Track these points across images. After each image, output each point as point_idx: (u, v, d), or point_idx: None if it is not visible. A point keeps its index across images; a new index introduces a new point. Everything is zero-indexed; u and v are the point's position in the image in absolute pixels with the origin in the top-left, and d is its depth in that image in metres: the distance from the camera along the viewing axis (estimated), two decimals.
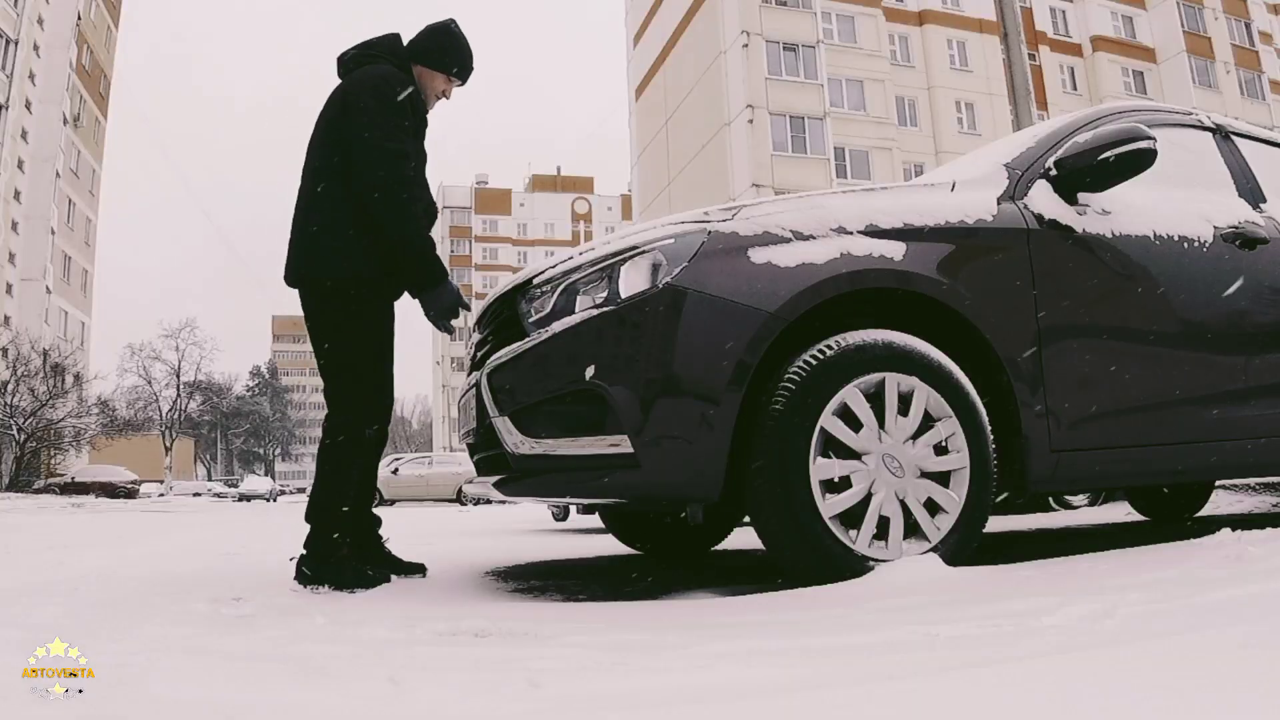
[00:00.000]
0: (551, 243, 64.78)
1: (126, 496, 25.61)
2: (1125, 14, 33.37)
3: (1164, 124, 2.84)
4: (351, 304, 2.49)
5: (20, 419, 27.06)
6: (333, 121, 2.53)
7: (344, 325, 2.51)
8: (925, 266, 2.22)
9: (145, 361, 40.19)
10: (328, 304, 2.51)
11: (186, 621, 1.85)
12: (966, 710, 0.99)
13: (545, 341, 2.13)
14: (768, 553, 2.12)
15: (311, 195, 2.53)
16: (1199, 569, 1.87)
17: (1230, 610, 1.44)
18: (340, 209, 2.47)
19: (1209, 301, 2.59)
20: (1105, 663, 1.15)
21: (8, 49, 31.02)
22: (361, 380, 2.52)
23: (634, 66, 36.67)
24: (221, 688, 1.21)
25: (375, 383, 2.56)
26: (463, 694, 1.17)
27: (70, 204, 36.90)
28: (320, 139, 2.55)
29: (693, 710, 1.06)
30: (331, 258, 2.46)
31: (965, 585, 1.88)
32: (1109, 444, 2.42)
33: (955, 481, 2.16)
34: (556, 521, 7.44)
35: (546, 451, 2.12)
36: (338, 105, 2.53)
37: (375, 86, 2.48)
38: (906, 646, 1.35)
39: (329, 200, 2.48)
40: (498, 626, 1.71)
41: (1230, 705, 0.95)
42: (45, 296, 34.32)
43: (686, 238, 2.12)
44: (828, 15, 28.53)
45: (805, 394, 2.03)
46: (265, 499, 35.86)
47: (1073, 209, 2.48)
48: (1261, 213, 2.84)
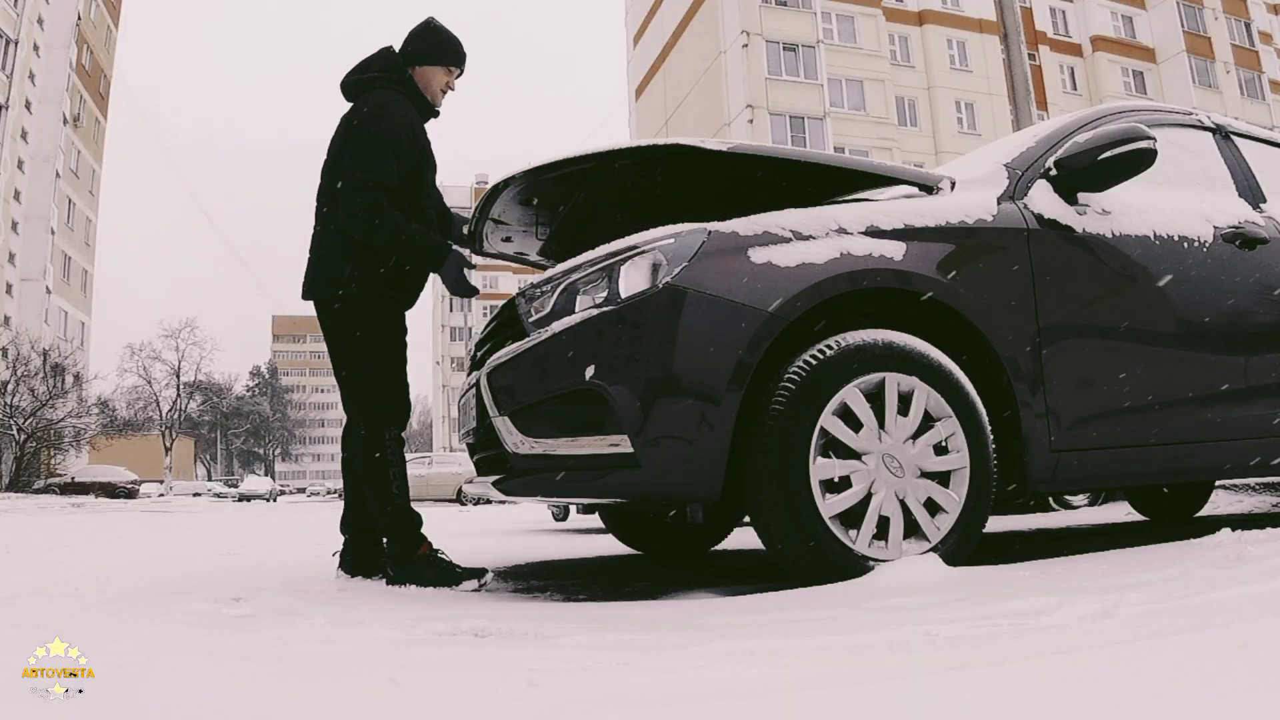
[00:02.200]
0: None
1: (126, 497, 25.62)
2: (1125, 14, 33.38)
3: (1164, 124, 2.84)
4: (362, 316, 2.61)
5: (20, 419, 27.04)
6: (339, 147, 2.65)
7: (357, 336, 2.63)
8: (925, 266, 2.22)
9: (145, 361, 40.25)
10: (341, 317, 2.63)
11: (186, 621, 1.85)
12: (966, 710, 0.99)
13: (545, 341, 2.13)
14: (768, 553, 2.12)
15: (322, 216, 2.68)
16: (1199, 569, 1.87)
17: (1230, 610, 1.44)
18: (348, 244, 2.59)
19: (1209, 301, 2.59)
20: (1105, 663, 1.15)
21: (8, 49, 31.02)
22: (377, 388, 2.63)
23: (634, 66, 36.68)
24: (221, 688, 1.21)
25: (391, 389, 2.65)
26: (463, 694, 1.17)
27: (70, 204, 36.90)
28: (329, 163, 2.69)
29: (693, 710, 1.06)
30: (341, 274, 2.59)
31: (965, 585, 1.88)
32: (1109, 444, 2.42)
33: (955, 481, 2.16)
34: (556, 521, 7.44)
35: (546, 451, 2.12)
36: (341, 134, 2.66)
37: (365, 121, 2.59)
38: (906, 646, 1.35)
39: (339, 235, 2.61)
40: (498, 626, 1.71)
41: (1230, 705, 0.95)
42: (45, 296, 34.32)
43: (686, 237, 2.12)
44: (828, 15, 28.53)
45: (805, 394, 2.03)
46: (265, 499, 35.86)
47: (1073, 209, 2.48)
48: (1261, 213, 2.84)
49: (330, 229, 2.63)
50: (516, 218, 2.89)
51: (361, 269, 2.57)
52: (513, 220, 2.91)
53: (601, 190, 2.72)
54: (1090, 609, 1.49)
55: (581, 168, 2.50)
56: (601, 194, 2.75)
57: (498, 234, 2.99)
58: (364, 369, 2.63)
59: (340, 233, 2.58)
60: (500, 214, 2.83)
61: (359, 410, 2.65)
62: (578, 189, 2.72)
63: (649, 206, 2.75)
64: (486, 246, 3.06)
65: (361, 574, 2.70)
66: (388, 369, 2.65)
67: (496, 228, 2.93)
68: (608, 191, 2.73)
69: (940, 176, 2.56)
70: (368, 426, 2.61)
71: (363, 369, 2.63)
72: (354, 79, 2.74)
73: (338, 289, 2.59)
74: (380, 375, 2.63)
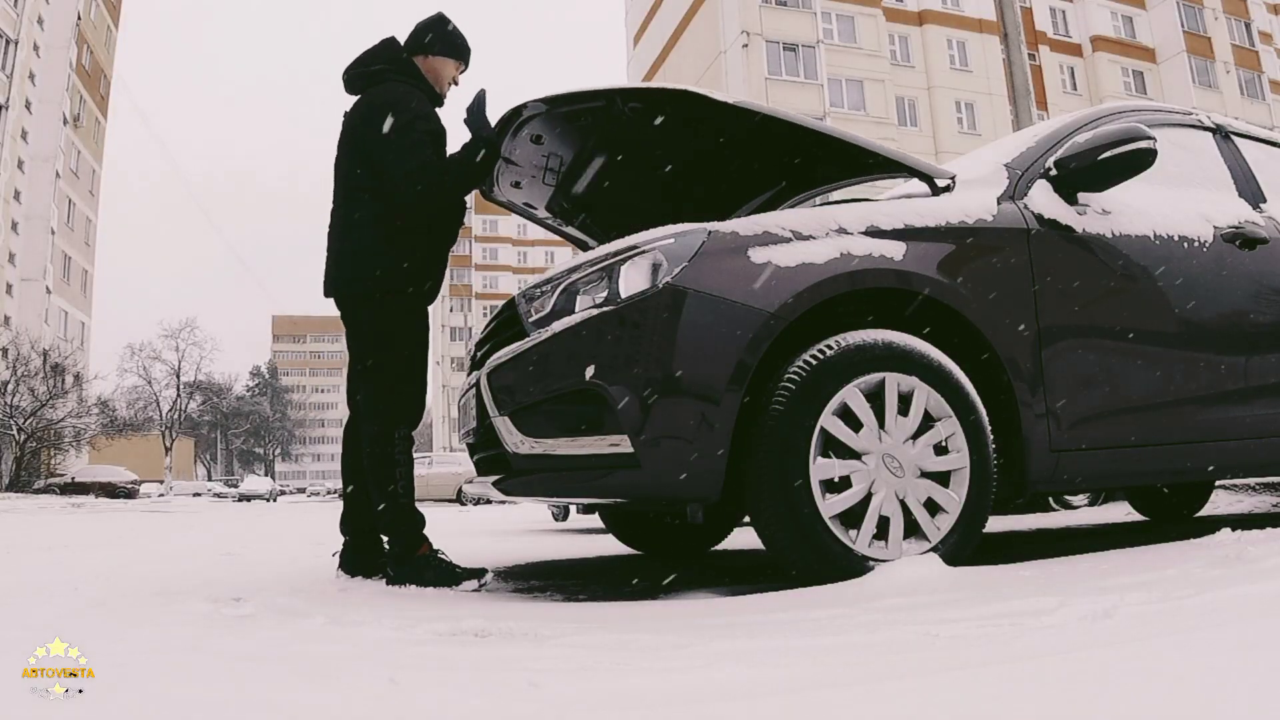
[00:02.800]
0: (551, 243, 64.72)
1: (126, 497, 25.61)
2: (1125, 14, 33.36)
3: (1164, 124, 2.84)
4: (393, 312, 2.61)
5: (20, 419, 27.04)
6: (354, 141, 2.65)
7: (386, 333, 2.62)
8: (925, 266, 2.22)
9: (145, 361, 40.29)
10: (371, 311, 2.62)
11: (186, 621, 1.85)
12: (966, 710, 0.99)
13: (545, 341, 2.13)
14: (768, 553, 2.12)
15: (343, 211, 2.67)
16: (1199, 569, 1.87)
17: (1230, 610, 1.44)
18: (371, 223, 2.59)
19: (1209, 301, 2.59)
20: (1105, 663, 1.15)
21: (8, 49, 31.01)
22: (397, 386, 2.62)
23: (634, 66, 36.64)
24: (221, 688, 1.21)
25: (410, 389, 2.64)
26: (463, 694, 1.17)
27: (70, 204, 36.89)
28: (344, 157, 2.68)
29: (693, 710, 1.06)
30: (365, 268, 2.58)
31: (965, 585, 1.88)
32: (1109, 444, 2.42)
33: (955, 481, 2.16)
34: (556, 521, 7.44)
35: (546, 451, 2.12)
36: (357, 126, 2.64)
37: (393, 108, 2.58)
38: (906, 646, 1.35)
39: (360, 215, 2.61)
40: (498, 626, 1.71)
41: (1230, 705, 0.95)
42: (45, 296, 34.30)
43: (686, 237, 2.12)
44: (828, 15, 28.51)
45: (805, 394, 2.03)
46: (265, 499, 35.84)
47: (1073, 209, 2.48)
48: (1261, 213, 2.84)
49: (355, 219, 2.61)
50: (528, 158, 2.88)
51: (391, 259, 2.56)
52: (524, 162, 2.90)
53: (610, 139, 2.73)
54: (1090, 609, 1.49)
55: (593, 105, 2.53)
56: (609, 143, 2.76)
57: (508, 176, 2.98)
58: (389, 365, 2.62)
59: (368, 225, 2.57)
60: (512, 153, 2.82)
61: (374, 406, 2.63)
62: (589, 135, 2.73)
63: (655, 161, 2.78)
64: (497, 192, 3.06)
65: (361, 574, 2.70)
66: (411, 368, 2.65)
67: (507, 168, 2.92)
68: (615, 141, 2.75)
69: (948, 172, 2.56)
70: (380, 423, 2.59)
71: (388, 365, 2.62)
72: (359, 71, 2.73)
73: (370, 284, 2.57)
74: (402, 374, 2.62)
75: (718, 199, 3.18)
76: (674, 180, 3.05)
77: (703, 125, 2.59)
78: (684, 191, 3.14)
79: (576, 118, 2.64)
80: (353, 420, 2.80)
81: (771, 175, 3.10)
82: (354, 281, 2.62)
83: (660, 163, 2.93)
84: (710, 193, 3.16)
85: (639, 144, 2.75)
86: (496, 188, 3.03)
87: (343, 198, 2.68)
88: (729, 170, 3.04)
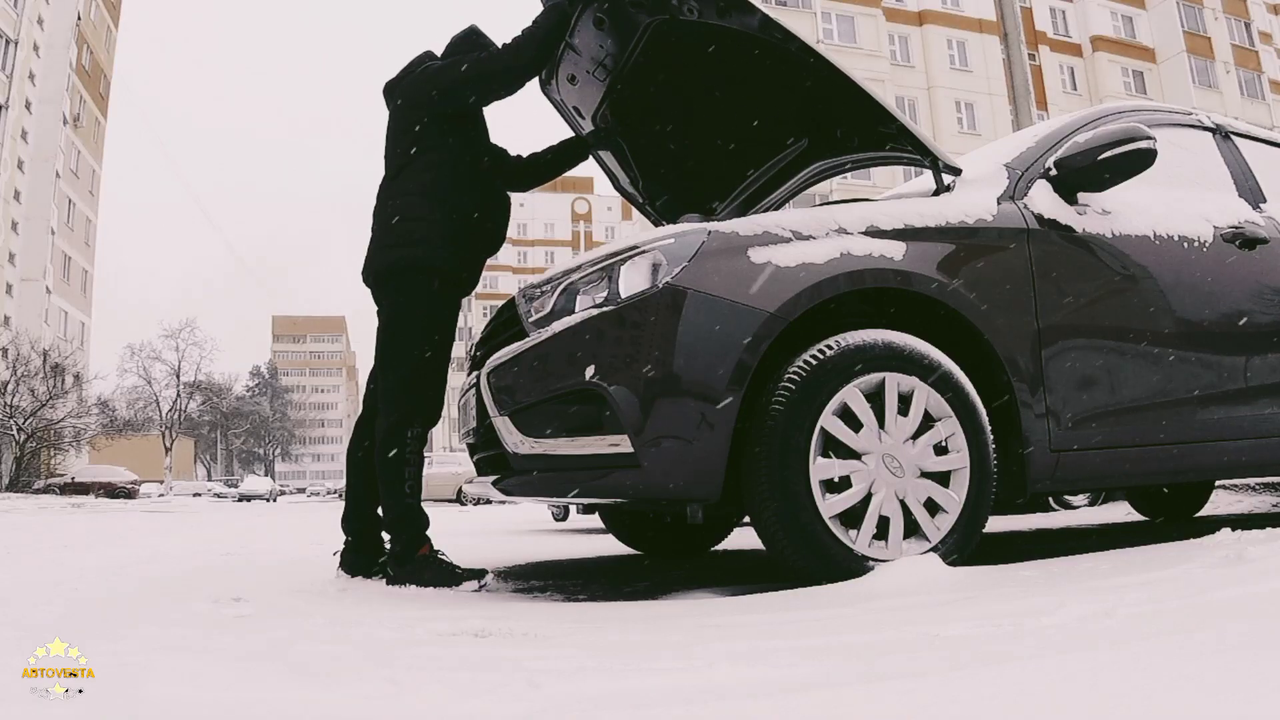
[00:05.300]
0: (551, 243, 64.80)
1: (126, 497, 25.62)
2: (1125, 14, 33.39)
3: (1164, 124, 2.84)
4: (419, 289, 2.61)
5: (20, 419, 27.04)
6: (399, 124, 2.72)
7: (408, 312, 2.63)
8: (925, 266, 2.22)
9: (145, 361, 40.30)
10: (395, 284, 2.63)
11: (186, 621, 1.85)
12: (966, 710, 0.99)
13: (545, 341, 2.13)
14: (768, 553, 2.12)
15: (389, 191, 2.69)
16: (1199, 569, 1.87)
17: (1230, 610, 1.44)
18: (417, 204, 2.62)
19: (1209, 301, 2.59)
20: (1105, 663, 1.15)
21: (8, 49, 31.02)
22: (414, 379, 2.61)
23: None
24: (221, 688, 1.21)
25: (428, 388, 2.64)
26: (463, 694, 1.17)
27: (70, 204, 36.89)
28: (391, 139, 2.75)
29: (693, 710, 1.06)
30: (411, 250, 2.59)
31: (965, 585, 1.88)
32: (1109, 444, 2.42)
33: (955, 481, 2.16)
34: (556, 521, 7.44)
35: (546, 451, 2.12)
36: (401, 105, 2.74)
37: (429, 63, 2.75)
38: (906, 646, 1.35)
39: (406, 196, 2.64)
40: (498, 626, 1.71)
41: (1230, 705, 0.95)
42: (45, 296, 34.31)
43: (686, 237, 2.12)
44: (828, 15, 28.54)
45: (805, 394, 2.03)
46: (265, 499, 35.86)
47: (1073, 209, 2.48)
48: (1261, 213, 2.84)
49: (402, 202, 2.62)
50: (587, 45, 2.83)
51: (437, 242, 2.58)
52: (584, 52, 2.86)
53: (661, 43, 2.69)
54: (1090, 609, 1.49)
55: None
56: (659, 49, 2.72)
57: (566, 67, 2.96)
58: (411, 354, 2.60)
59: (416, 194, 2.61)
60: (575, 39, 2.79)
61: (391, 398, 2.61)
62: (644, 34, 2.69)
63: (696, 83, 2.85)
64: (553, 87, 3.06)
65: (361, 574, 2.70)
66: (433, 362, 2.63)
67: (567, 56, 2.90)
68: (665, 49, 2.71)
69: (958, 165, 2.55)
70: (396, 416, 2.57)
71: (411, 354, 2.60)
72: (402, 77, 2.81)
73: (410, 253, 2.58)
74: (423, 368, 2.61)
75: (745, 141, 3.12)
76: (708, 109, 3.03)
77: (753, 52, 2.51)
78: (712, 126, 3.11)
79: (640, 4, 2.58)
80: (364, 416, 2.79)
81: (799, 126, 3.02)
82: (395, 248, 2.61)
83: (700, 85, 2.90)
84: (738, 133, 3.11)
85: (686, 58, 2.71)
86: (555, 80, 3.02)
87: (392, 174, 2.71)
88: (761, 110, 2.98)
